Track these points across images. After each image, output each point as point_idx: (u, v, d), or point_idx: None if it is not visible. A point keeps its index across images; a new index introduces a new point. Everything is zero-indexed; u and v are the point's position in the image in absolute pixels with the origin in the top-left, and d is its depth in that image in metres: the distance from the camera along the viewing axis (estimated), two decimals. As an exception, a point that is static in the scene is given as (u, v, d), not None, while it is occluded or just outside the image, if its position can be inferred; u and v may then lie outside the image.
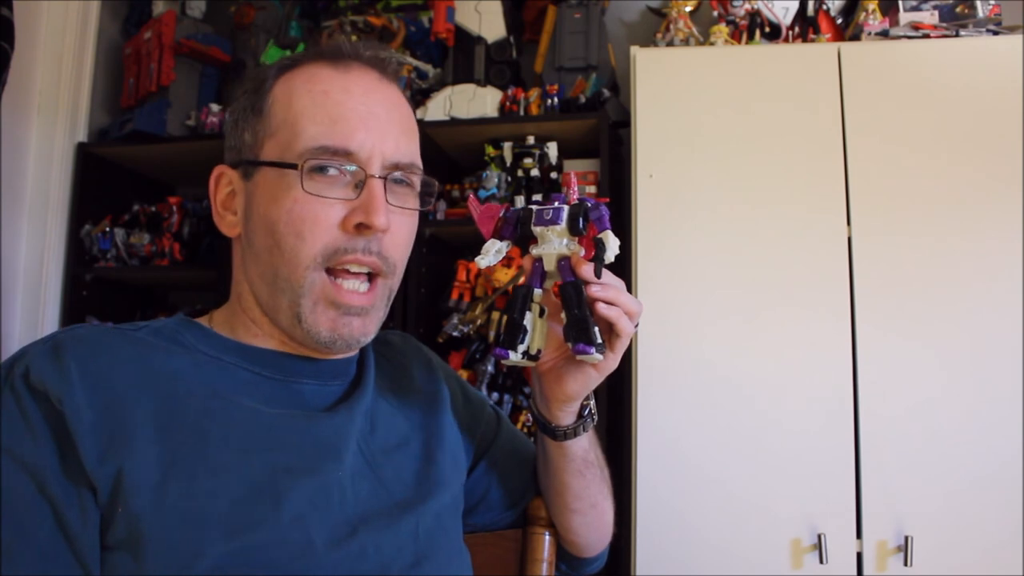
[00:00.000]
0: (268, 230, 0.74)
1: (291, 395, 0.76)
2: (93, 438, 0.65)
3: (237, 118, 0.79)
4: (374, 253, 0.74)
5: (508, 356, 0.74)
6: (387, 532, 0.74)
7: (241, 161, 0.78)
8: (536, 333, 0.75)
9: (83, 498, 0.65)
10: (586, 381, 0.77)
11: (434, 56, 2.07)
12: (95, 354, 0.69)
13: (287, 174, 0.73)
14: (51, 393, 0.66)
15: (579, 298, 0.71)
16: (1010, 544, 1.41)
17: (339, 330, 0.74)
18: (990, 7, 1.68)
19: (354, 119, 0.74)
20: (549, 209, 0.73)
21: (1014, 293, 1.48)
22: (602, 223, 0.71)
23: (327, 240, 0.73)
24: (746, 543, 1.49)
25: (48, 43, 2.04)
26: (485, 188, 1.88)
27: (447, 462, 0.84)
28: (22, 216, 1.98)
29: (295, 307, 0.74)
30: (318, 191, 0.73)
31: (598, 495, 0.88)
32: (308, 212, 0.72)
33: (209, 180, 0.81)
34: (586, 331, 0.71)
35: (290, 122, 0.75)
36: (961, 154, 1.55)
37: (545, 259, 0.74)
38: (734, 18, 1.85)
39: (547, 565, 0.91)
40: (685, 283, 1.59)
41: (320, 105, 0.75)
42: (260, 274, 0.76)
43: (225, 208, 0.80)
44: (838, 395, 1.50)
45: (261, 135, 0.76)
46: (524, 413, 1.77)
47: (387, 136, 0.76)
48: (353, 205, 0.73)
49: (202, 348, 0.75)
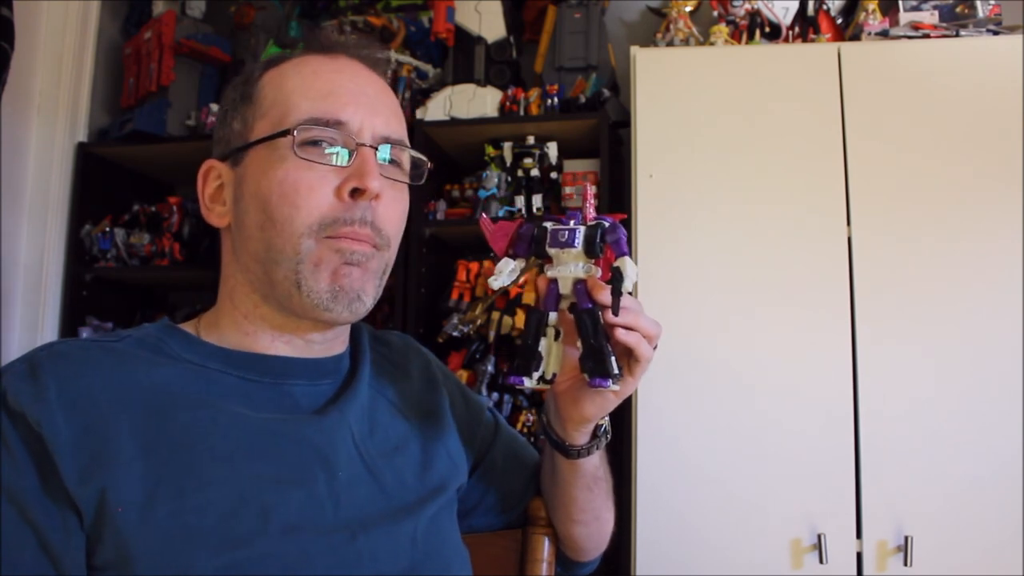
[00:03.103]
0: (260, 205, 0.73)
1: (281, 397, 0.75)
2: (74, 459, 0.64)
3: (227, 111, 0.79)
4: (369, 224, 0.73)
5: (523, 383, 0.73)
6: (385, 538, 0.73)
7: (230, 151, 0.77)
8: (551, 357, 0.73)
9: (66, 520, 0.64)
10: (603, 404, 0.76)
11: (434, 56, 2.07)
12: (75, 372, 0.68)
13: (279, 146, 0.73)
14: (28, 415, 0.65)
15: (595, 327, 0.69)
16: (1010, 544, 1.41)
17: (339, 280, 0.72)
18: (990, 7, 1.68)
19: (345, 94, 0.75)
20: (565, 231, 0.71)
21: (1014, 293, 1.48)
22: (619, 247, 0.68)
23: (323, 209, 0.72)
24: (746, 543, 1.49)
25: (48, 43, 2.04)
26: (485, 188, 1.88)
27: (445, 465, 0.83)
28: (22, 216, 1.98)
29: (294, 274, 0.72)
30: (311, 158, 0.73)
31: (602, 508, 0.88)
32: (302, 180, 0.72)
33: (197, 176, 0.80)
34: (602, 363, 0.69)
35: (281, 100, 0.75)
36: (961, 154, 1.55)
37: (560, 282, 0.72)
38: (734, 18, 1.85)
39: (547, 565, 0.91)
40: (685, 283, 1.59)
41: (311, 84, 0.75)
42: (252, 254, 0.75)
43: (213, 201, 0.79)
44: (838, 395, 1.50)
45: (251, 120, 0.76)
46: (524, 413, 1.77)
47: (377, 112, 0.76)
48: (346, 173, 0.73)
49: (186, 356, 0.74)
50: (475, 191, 1.91)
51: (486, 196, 1.87)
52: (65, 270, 2.04)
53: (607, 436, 0.82)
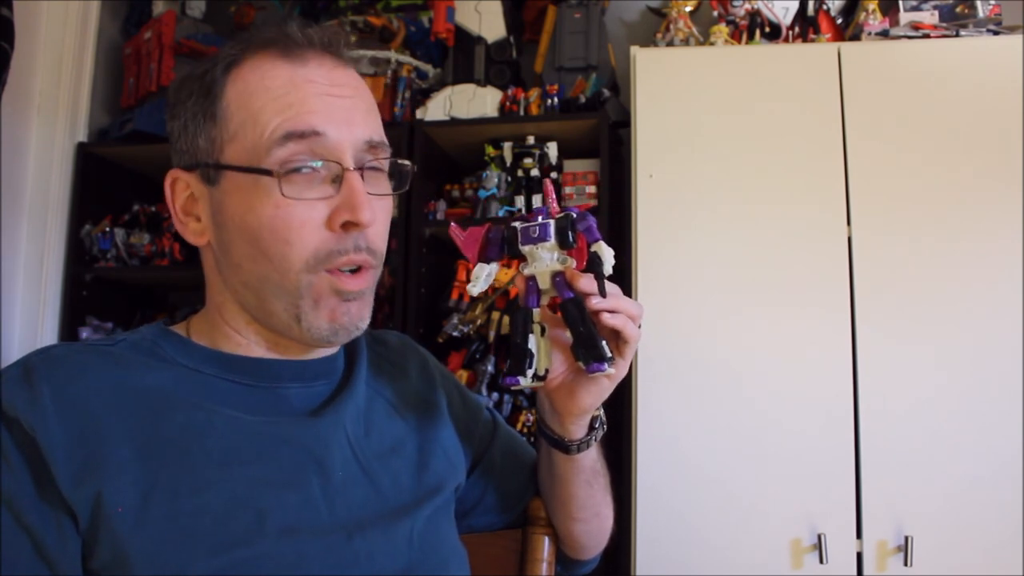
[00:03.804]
0: (249, 239, 0.72)
1: (277, 400, 0.75)
2: (68, 463, 0.64)
3: (186, 122, 0.76)
4: (363, 250, 0.73)
5: (519, 382, 0.73)
6: (381, 539, 0.73)
7: (199, 164, 0.75)
8: (541, 353, 0.74)
9: (62, 524, 0.64)
10: (599, 392, 0.76)
11: (434, 56, 2.07)
12: (69, 377, 0.68)
13: (260, 180, 0.71)
14: (23, 421, 0.65)
15: (582, 314, 0.70)
16: (1010, 544, 1.41)
17: (339, 319, 0.73)
18: (990, 7, 1.68)
19: (317, 103, 0.72)
20: (535, 226, 0.72)
21: (1014, 293, 1.48)
22: (591, 233, 0.69)
23: (316, 243, 0.71)
24: (746, 543, 1.49)
25: (48, 43, 2.04)
26: (485, 188, 1.88)
27: (442, 465, 0.83)
28: (22, 216, 1.98)
29: (294, 309, 0.72)
30: (297, 194, 0.70)
31: (602, 504, 0.88)
32: (293, 217, 0.71)
33: (164, 186, 0.79)
34: (595, 347, 0.70)
35: (250, 122, 0.72)
36: (961, 154, 1.55)
37: (539, 277, 0.73)
38: (734, 18, 1.85)
39: (547, 565, 0.91)
40: (685, 283, 1.59)
41: (279, 97, 0.72)
42: (244, 283, 0.74)
43: (186, 214, 0.78)
44: (838, 395, 1.50)
45: (219, 141, 0.73)
46: (524, 413, 1.77)
47: (353, 119, 0.74)
48: (335, 203, 0.72)
49: (181, 360, 0.74)
50: (475, 191, 1.91)
51: (486, 196, 1.87)
52: (65, 270, 2.03)
53: (603, 427, 0.83)
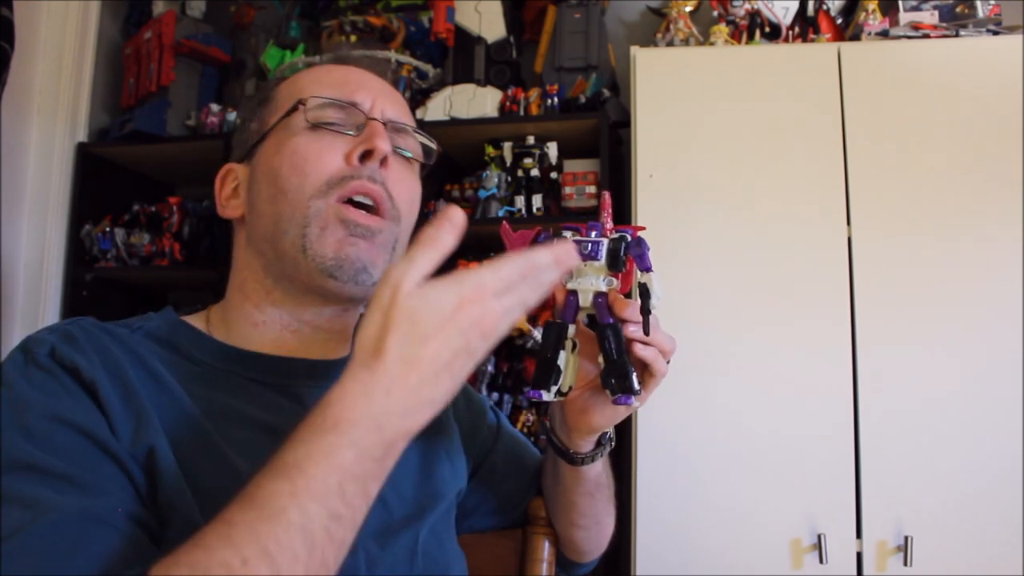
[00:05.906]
0: (271, 179, 0.76)
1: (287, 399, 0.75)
2: (125, 416, 0.64)
3: (244, 119, 0.83)
4: (379, 183, 0.75)
5: (541, 397, 0.71)
6: (384, 551, 0.73)
7: (247, 149, 0.81)
8: (569, 370, 0.72)
9: (131, 467, 0.62)
10: (614, 416, 0.75)
11: (434, 56, 2.07)
12: (104, 345, 0.68)
13: (291, 124, 0.76)
14: (83, 370, 0.64)
15: (619, 343, 0.68)
16: (1010, 544, 1.41)
17: (344, 249, 0.73)
18: (990, 7, 1.68)
19: (357, 85, 0.79)
20: (587, 242, 0.70)
21: (1014, 293, 1.48)
22: (643, 261, 0.68)
23: (331, 170, 0.74)
24: (746, 543, 1.49)
25: (48, 43, 2.04)
26: (485, 188, 1.88)
27: (446, 472, 0.83)
28: (22, 216, 1.98)
29: (300, 239, 0.73)
30: (321, 136, 0.75)
31: (603, 513, 0.88)
32: (312, 149, 0.75)
33: (215, 180, 0.83)
34: (626, 379, 0.68)
35: (296, 93, 0.78)
36: (961, 154, 1.55)
37: (581, 294, 0.71)
38: (734, 18, 1.85)
39: (547, 565, 0.91)
40: (685, 283, 1.59)
41: (325, 77, 0.80)
42: (262, 233, 0.76)
43: (229, 200, 0.82)
44: (838, 395, 1.50)
45: (267, 116, 0.80)
46: (524, 413, 1.77)
47: (388, 98, 0.80)
48: (355, 141, 0.76)
49: (196, 354, 0.74)
50: (475, 191, 1.91)
51: (486, 196, 1.87)
52: (65, 270, 2.04)
53: (611, 443, 0.82)
